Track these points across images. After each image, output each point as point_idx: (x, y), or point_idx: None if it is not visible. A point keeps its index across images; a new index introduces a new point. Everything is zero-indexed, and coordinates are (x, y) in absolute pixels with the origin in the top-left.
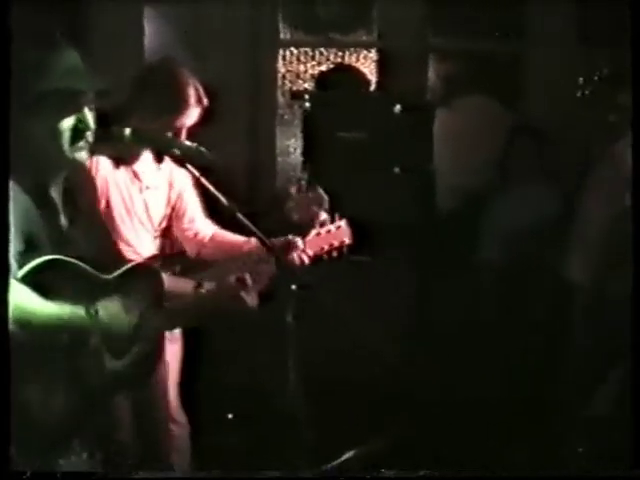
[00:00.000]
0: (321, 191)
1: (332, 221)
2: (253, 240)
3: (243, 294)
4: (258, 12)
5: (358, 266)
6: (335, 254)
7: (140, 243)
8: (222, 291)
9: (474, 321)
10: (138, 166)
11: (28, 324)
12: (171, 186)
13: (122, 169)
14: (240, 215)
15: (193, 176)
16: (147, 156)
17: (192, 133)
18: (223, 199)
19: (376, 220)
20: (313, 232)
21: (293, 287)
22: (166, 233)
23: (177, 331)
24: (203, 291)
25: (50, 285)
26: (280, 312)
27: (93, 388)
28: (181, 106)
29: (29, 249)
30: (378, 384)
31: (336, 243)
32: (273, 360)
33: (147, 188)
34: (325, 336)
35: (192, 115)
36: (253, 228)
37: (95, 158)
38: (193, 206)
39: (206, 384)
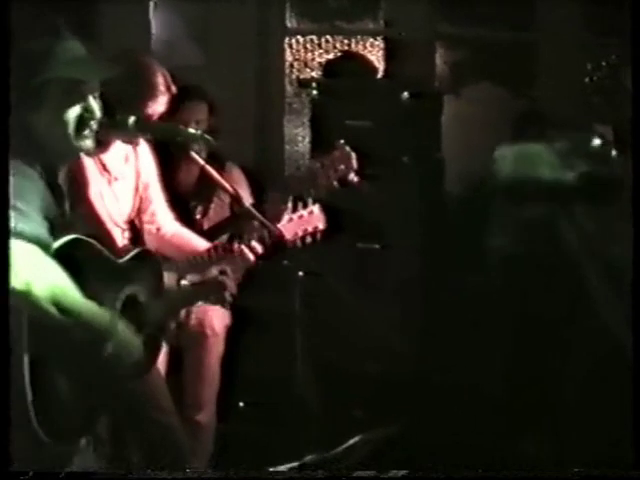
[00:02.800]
0: (347, 148)
1: (304, 206)
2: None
3: (226, 285)
4: (265, 1)
5: (366, 253)
6: (309, 240)
7: (113, 236)
8: (206, 284)
9: (483, 309)
10: (105, 158)
11: (60, 307)
12: (138, 176)
13: (91, 160)
14: (246, 203)
15: (196, 163)
16: (116, 147)
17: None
18: (229, 187)
19: (385, 208)
20: (285, 218)
21: (300, 274)
22: (132, 226)
23: (218, 326)
24: (185, 283)
25: (75, 267)
26: (288, 299)
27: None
28: (150, 93)
29: (50, 230)
30: (386, 372)
31: (310, 228)
32: (281, 347)
33: (115, 179)
34: (333, 323)
35: (161, 102)
36: (258, 215)
37: None
38: (157, 199)
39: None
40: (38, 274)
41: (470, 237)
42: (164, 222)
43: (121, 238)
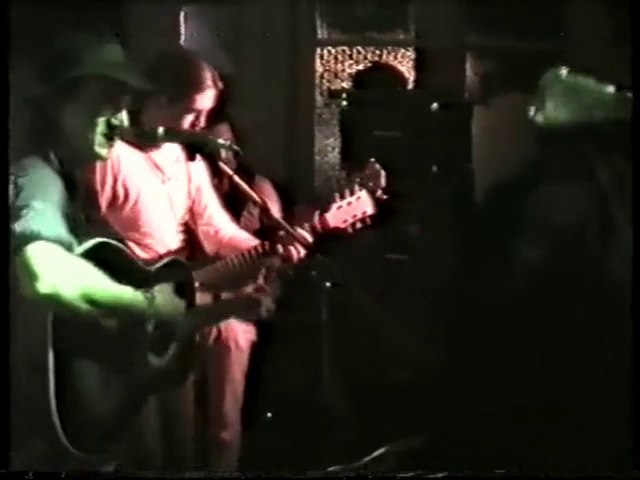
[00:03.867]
0: (378, 166)
1: (352, 193)
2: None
3: (261, 300)
4: (295, 11)
5: (394, 264)
6: (359, 225)
7: (164, 236)
8: (241, 299)
9: (513, 321)
10: (157, 157)
11: (91, 301)
12: (190, 180)
13: (142, 159)
14: (273, 212)
15: (224, 174)
16: (167, 147)
17: (211, 118)
18: (256, 197)
19: (414, 218)
20: (334, 206)
21: (327, 284)
22: (186, 228)
23: (242, 341)
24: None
25: (105, 269)
26: (315, 310)
27: (137, 385)
28: (197, 88)
29: (72, 231)
30: (414, 382)
31: (359, 214)
32: (308, 358)
33: (169, 180)
34: (360, 334)
35: (209, 97)
36: (287, 226)
37: (116, 150)
38: (212, 202)
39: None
40: (65, 275)
41: (499, 248)
42: (222, 224)
43: (174, 238)
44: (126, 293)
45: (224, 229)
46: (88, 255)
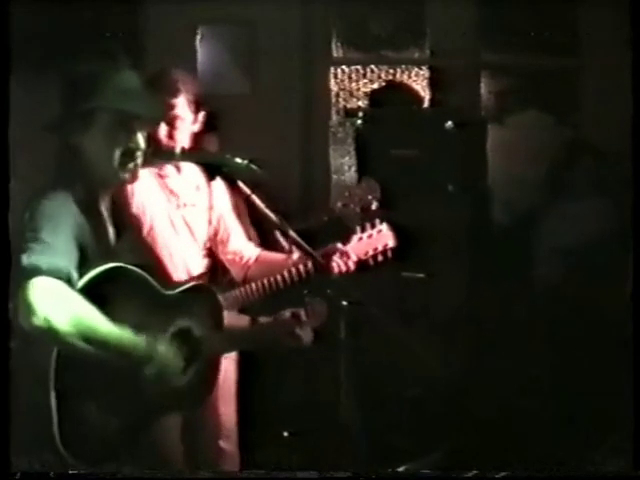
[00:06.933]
0: (373, 181)
1: (372, 226)
2: (295, 255)
3: (298, 330)
4: (310, 30)
5: (411, 282)
6: (380, 258)
7: (188, 260)
8: (277, 326)
9: (528, 337)
10: (172, 182)
11: (87, 339)
12: (211, 208)
13: (156, 185)
14: (291, 232)
15: (242, 194)
16: (186, 173)
17: (197, 141)
18: (273, 217)
19: (430, 237)
20: (355, 238)
21: (344, 303)
22: (211, 253)
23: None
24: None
25: (111, 298)
26: (332, 329)
27: (146, 407)
28: (168, 92)
29: (83, 261)
30: (431, 400)
31: (380, 247)
32: (325, 376)
33: (184, 205)
34: (377, 353)
35: (182, 104)
36: (303, 244)
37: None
38: (235, 230)
39: (260, 401)
40: (57, 309)
41: (516, 266)
42: (244, 249)
43: (199, 263)
44: (127, 335)
45: (247, 252)
46: (97, 284)
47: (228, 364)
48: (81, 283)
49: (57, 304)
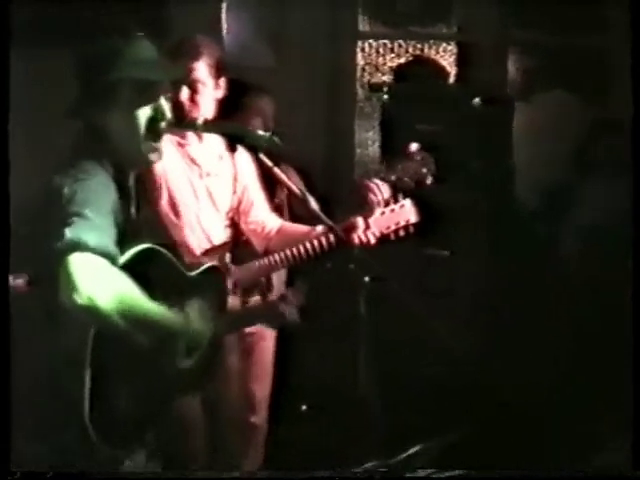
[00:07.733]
0: (427, 154)
1: (395, 201)
2: (319, 227)
3: (284, 309)
4: (337, 4)
5: (433, 260)
6: (402, 233)
7: (211, 229)
8: (266, 307)
9: (551, 317)
10: (194, 151)
11: (126, 318)
12: (236, 179)
13: (178, 154)
14: (313, 204)
15: (264, 166)
16: (208, 143)
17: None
18: (295, 189)
19: (454, 214)
20: (377, 211)
21: (366, 279)
22: (233, 223)
23: (269, 331)
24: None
25: (143, 277)
26: (353, 304)
27: (166, 386)
28: (188, 55)
29: (121, 237)
30: (450, 379)
31: (402, 222)
32: (345, 351)
33: (207, 175)
34: (398, 329)
35: (202, 67)
36: (324, 217)
37: None
38: (259, 201)
39: (279, 377)
40: (102, 287)
41: (540, 244)
42: (267, 219)
43: (222, 232)
44: (161, 310)
45: (269, 223)
46: (132, 263)
47: (266, 344)
48: (122, 260)
49: (101, 282)
